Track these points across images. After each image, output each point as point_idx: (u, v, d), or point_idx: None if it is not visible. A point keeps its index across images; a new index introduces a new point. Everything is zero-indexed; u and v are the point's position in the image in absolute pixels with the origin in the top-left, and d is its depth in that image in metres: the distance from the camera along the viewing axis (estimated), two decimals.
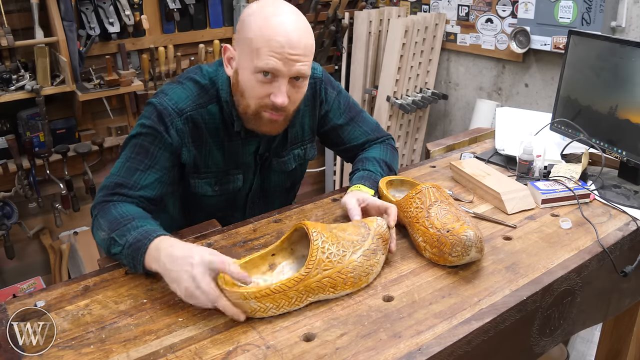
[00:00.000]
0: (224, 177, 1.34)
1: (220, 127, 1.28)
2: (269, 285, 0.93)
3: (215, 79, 1.27)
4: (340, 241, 1.02)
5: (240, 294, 0.92)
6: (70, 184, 2.52)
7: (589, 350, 2.10)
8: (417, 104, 3.03)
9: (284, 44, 1.10)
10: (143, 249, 1.03)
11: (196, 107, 1.24)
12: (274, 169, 1.41)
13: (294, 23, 1.13)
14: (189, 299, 0.95)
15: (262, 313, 0.94)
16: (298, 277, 0.95)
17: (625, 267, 1.19)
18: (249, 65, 1.14)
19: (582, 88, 1.53)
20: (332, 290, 0.98)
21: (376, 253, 1.05)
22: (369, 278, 1.03)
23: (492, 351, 0.99)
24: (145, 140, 1.21)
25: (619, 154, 1.43)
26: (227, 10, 2.79)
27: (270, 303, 0.94)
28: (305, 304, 0.97)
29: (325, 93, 1.40)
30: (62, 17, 2.24)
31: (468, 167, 1.47)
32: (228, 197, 1.38)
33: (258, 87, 1.15)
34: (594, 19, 2.33)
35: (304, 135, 1.42)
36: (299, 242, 1.07)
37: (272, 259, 1.06)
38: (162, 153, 1.22)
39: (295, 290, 0.95)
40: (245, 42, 1.14)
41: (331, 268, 0.98)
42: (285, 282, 0.94)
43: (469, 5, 2.96)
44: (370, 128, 1.48)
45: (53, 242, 2.65)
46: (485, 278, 1.06)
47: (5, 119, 2.35)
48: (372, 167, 1.37)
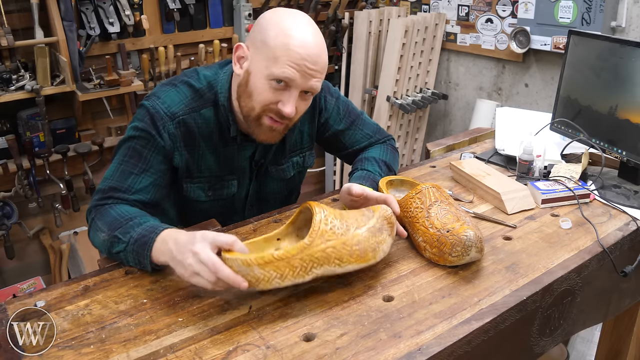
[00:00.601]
0: (218, 183, 1.33)
1: (215, 131, 1.27)
2: (272, 253, 0.93)
3: (213, 83, 1.26)
4: (344, 218, 1.02)
5: (243, 260, 0.91)
6: (70, 184, 2.52)
7: (589, 350, 2.10)
8: (417, 104, 3.03)
9: (304, 56, 1.11)
10: (150, 243, 1.02)
11: (189, 110, 1.24)
12: (272, 176, 1.41)
13: (315, 39, 1.14)
14: (192, 277, 0.94)
15: (265, 283, 0.93)
16: (301, 245, 0.94)
17: (625, 267, 1.19)
18: (263, 69, 1.13)
19: (582, 88, 1.53)
20: (338, 262, 0.97)
21: (382, 232, 1.04)
22: (376, 255, 1.02)
23: (492, 351, 0.99)
24: (138, 143, 1.21)
25: (619, 154, 1.43)
26: (227, 10, 2.79)
27: (274, 271, 0.92)
28: (311, 277, 0.96)
29: (325, 101, 1.40)
30: (62, 17, 2.24)
31: (468, 167, 1.47)
32: (224, 203, 1.37)
33: (268, 92, 1.14)
34: (594, 19, 2.33)
35: (303, 143, 1.42)
36: (305, 227, 1.06)
37: (277, 243, 1.06)
38: (155, 156, 1.22)
39: (299, 258, 0.94)
40: (263, 46, 1.13)
41: (335, 239, 0.97)
42: (289, 250, 0.94)
43: (469, 5, 2.96)
44: (371, 130, 1.48)
45: (53, 242, 2.65)
46: (485, 278, 1.06)
47: (5, 119, 2.35)
48: (371, 167, 1.37)
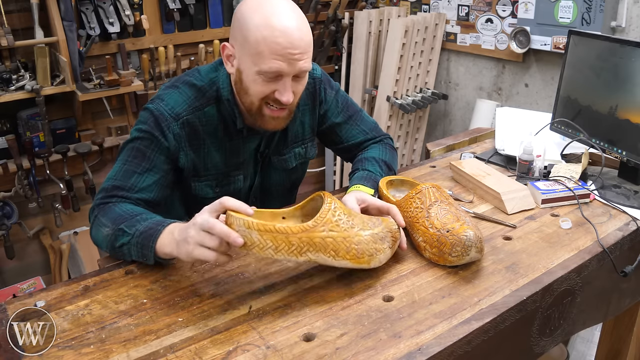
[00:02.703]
0: (225, 179, 1.35)
1: (220, 127, 1.28)
2: (274, 223, 0.94)
3: (215, 79, 1.27)
4: (352, 216, 1.03)
5: (245, 221, 0.92)
6: (70, 184, 2.52)
7: (589, 350, 2.10)
8: (417, 104, 3.03)
9: (286, 45, 1.10)
10: (156, 235, 1.04)
11: (193, 110, 1.25)
12: (275, 166, 1.42)
13: (294, 20, 1.12)
14: (196, 250, 0.94)
15: (259, 250, 0.94)
16: (304, 226, 0.96)
17: (625, 267, 1.19)
18: (251, 66, 1.14)
19: (582, 88, 1.53)
20: (334, 254, 0.98)
21: (384, 241, 1.05)
22: (371, 260, 1.02)
23: (492, 351, 0.99)
24: (142, 144, 1.22)
25: (619, 154, 1.43)
26: (227, 10, 2.79)
27: (271, 241, 0.94)
28: (303, 259, 0.97)
29: (325, 93, 1.41)
30: (62, 17, 2.24)
31: (468, 167, 1.47)
32: (230, 196, 1.38)
33: (262, 86, 1.16)
34: (594, 19, 2.33)
35: (305, 134, 1.43)
36: (312, 215, 1.06)
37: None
38: (158, 156, 1.22)
39: (298, 237, 0.95)
40: (245, 43, 1.13)
41: (338, 232, 0.98)
42: (291, 227, 0.95)
43: (469, 5, 2.96)
44: (368, 127, 1.49)
45: (53, 242, 2.65)
46: (485, 278, 1.06)
47: (5, 119, 2.35)
48: (372, 167, 1.37)
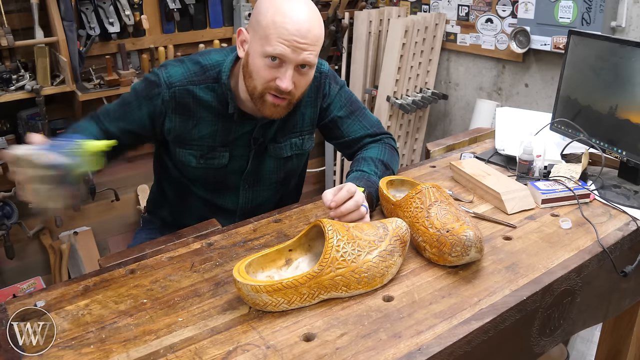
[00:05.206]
0: (209, 153, 1.40)
1: (216, 106, 1.35)
2: (281, 280, 0.94)
3: (220, 62, 1.35)
4: (357, 241, 1.02)
5: (252, 286, 0.92)
6: None
7: (589, 350, 2.10)
8: (417, 104, 3.03)
9: (293, 32, 1.17)
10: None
11: (187, 83, 1.33)
12: (270, 154, 1.45)
13: (306, 13, 1.20)
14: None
15: (273, 307, 0.94)
16: (311, 273, 0.95)
17: (625, 267, 1.19)
18: (259, 49, 1.21)
19: (582, 88, 1.53)
20: (345, 289, 0.98)
21: (393, 254, 1.04)
22: (383, 279, 1.03)
23: (492, 351, 0.99)
24: (130, 97, 1.36)
25: (619, 154, 1.43)
26: (227, 10, 2.79)
27: (282, 298, 0.94)
28: (317, 301, 0.98)
29: (329, 87, 1.46)
30: (62, 17, 2.23)
31: (468, 167, 1.47)
32: (216, 174, 1.43)
33: (265, 70, 1.22)
34: (594, 19, 2.33)
35: (303, 126, 1.46)
36: (317, 239, 1.07)
37: (289, 254, 1.06)
38: (138, 111, 1.34)
39: (307, 286, 0.95)
40: (258, 26, 1.21)
41: (345, 267, 0.98)
42: (297, 278, 0.94)
43: (469, 5, 2.96)
44: (370, 124, 1.50)
45: (53, 242, 2.65)
46: (485, 278, 1.06)
47: (5, 119, 2.35)
48: (367, 168, 1.39)
